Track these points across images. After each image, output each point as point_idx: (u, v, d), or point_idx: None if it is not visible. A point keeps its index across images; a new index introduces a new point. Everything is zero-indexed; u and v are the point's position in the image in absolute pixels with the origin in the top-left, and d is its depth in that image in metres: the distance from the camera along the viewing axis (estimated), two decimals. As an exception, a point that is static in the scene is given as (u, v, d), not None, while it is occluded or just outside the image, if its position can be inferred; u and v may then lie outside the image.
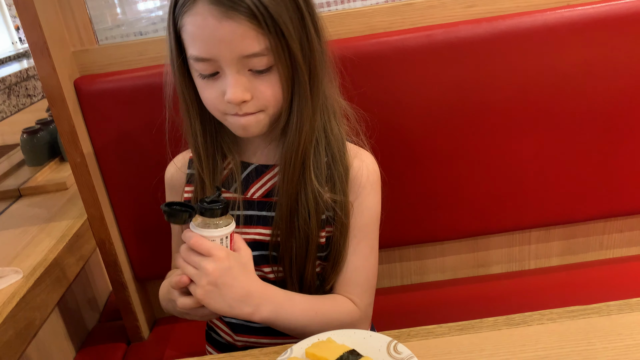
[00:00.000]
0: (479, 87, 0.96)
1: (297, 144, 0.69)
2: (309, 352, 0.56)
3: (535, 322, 0.61)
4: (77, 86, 0.96)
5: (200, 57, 0.63)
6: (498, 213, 1.06)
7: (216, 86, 0.65)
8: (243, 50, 0.61)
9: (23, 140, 1.29)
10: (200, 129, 0.72)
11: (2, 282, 0.82)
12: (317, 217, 0.71)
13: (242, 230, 0.74)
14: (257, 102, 0.65)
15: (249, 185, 0.75)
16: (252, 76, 0.64)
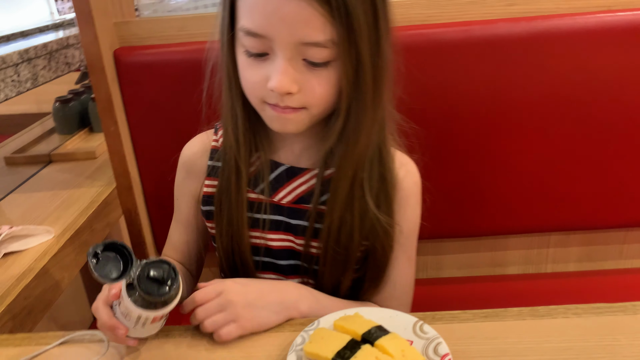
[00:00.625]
0: (512, 86, 0.96)
1: (352, 155, 0.63)
2: (338, 324, 0.57)
3: (560, 316, 0.61)
4: (116, 56, 0.98)
5: (253, 32, 0.56)
6: (519, 213, 1.06)
7: (261, 68, 0.58)
8: (304, 36, 0.55)
9: (55, 109, 1.31)
10: (242, 113, 0.65)
11: (35, 240, 0.84)
12: (362, 234, 0.67)
13: (266, 235, 0.70)
14: (302, 97, 0.59)
15: (278, 188, 0.69)
16: (305, 67, 0.57)
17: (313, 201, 0.68)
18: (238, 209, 0.69)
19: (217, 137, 0.73)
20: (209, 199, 0.72)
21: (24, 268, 0.78)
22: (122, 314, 0.55)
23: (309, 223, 0.68)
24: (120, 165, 1.00)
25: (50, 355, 0.61)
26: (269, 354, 0.59)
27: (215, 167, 0.72)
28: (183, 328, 0.64)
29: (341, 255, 0.67)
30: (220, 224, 0.71)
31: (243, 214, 0.69)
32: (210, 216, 0.73)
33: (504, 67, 0.94)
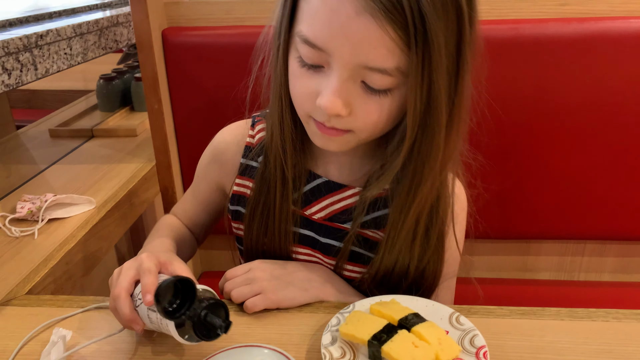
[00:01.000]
0: (559, 87, 0.94)
1: (410, 205, 0.58)
2: (375, 308, 0.57)
3: (600, 319, 0.60)
4: (164, 36, 1.00)
5: (311, 42, 0.50)
6: (555, 218, 1.04)
7: (313, 81, 0.53)
8: (368, 60, 0.49)
9: (99, 86, 1.34)
10: (290, 122, 0.60)
11: (77, 209, 0.86)
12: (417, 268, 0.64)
13: (294, 249, 0.68)
14: (352, 121, 0.53)
15: (311, 201, 0.66)
16: (361, 90, 0.52)
17: (353, 223, 0.64)
18: (280, 223, 0.66)
19: (254, 132, 0.70)
20: (239, 198, 0.70)
21: (66, 235, 0.80)
22: (148, 317, 0.53)
23: (344, 245, 0.66)
24: (161, 143, 1.02)
25: (85, 317, 0.62)
26: (303, 333, 0.59)
27: (249, 166, 0.68)
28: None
29: (387, 284, 0.65)
30: (251, 230, 0.69)
31: (288, 229, 0.66)
32: (238, 217, 0.71)
33: (552, 68, 0.93)
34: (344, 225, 0.66)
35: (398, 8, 0.46)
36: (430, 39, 0.47)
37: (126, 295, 0.54)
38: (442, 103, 0.51)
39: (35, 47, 0.87)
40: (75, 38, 0.98)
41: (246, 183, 0.69)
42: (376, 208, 0.64)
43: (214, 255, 1.20)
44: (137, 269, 0.55)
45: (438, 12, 0.46)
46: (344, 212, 0.66)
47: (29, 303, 0.65)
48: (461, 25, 0.49)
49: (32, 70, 0.87)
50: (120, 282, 0.54)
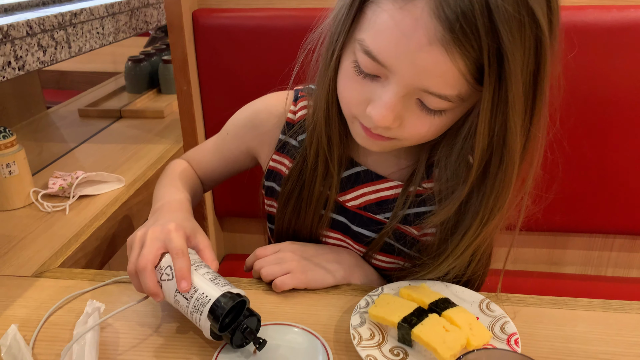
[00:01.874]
0: (596, 77, 0.92)
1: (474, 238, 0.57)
2: (404, 291, 0.57)
3: (634, 311, 0.59)
4: (194, 17, 1.00)
5: (373, 56, 0.48)
6: (584, 212, 1.02)
7: (367, 88, 0.51)
8: (431, 86, 0.47)
9: (127, 67, 1.35)
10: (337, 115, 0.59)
11: (107, 187, 0.87)
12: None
13: (325, 232, 0.68)
14: (400, 132, 0.52)
15: (347, 188, 0.66)
16: (415, 106, 0.50)
17: (392, 217, 0.64)
18: (316, 207, 0.66)
19: (296, 109, 0.68)
20: (274, 175, 0.70)
21: (97, 211, 0.81)
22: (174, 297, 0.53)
23: (378, 237, 0.65)
24: (189, 124, 1.03)
25: (108, 290, 0.63)
26: (331, 314, 0.59)
27: (287, 143, 0.68)
28: (247, 281, 0.66)
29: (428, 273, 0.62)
30: (284, 210, 0.68)
31: (322, 213, 0.66)
32: (272, 194, 0.71)
33: (589, 57, 0.90)
34: (377, 217, 0.66)
35: (474, 41, 0.44)
36: (507, 76, 0.45)
37: (152, 269, 0.53)
38: (516, 138, 0.49)
39: (70, 25, 0.88)
40: (108, 18, 0.99)
41: (283, 160, 0.69)
42: (415, 204, 0.64)
43: (236, 238, 1.21)
44: (165, 242, 0.54)
45: (516, 46, 0.44)
46: (379, 203, 0.65)
47: (61, 275, 0.66)
48: (540, 57, 0.46)
49: (66, 49, 0.88)
50: (146, 254, 0.53)
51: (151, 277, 0.53)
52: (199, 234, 0.59)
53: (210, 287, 0.52)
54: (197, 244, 0.57)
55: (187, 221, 0.60)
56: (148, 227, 0.57)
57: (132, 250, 0.56)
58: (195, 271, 0.53)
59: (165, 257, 0.54)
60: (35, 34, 0.79)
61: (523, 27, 0.44)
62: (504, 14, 0.43)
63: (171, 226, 0.55)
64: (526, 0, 0.43)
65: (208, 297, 0.51)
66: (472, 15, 0.43)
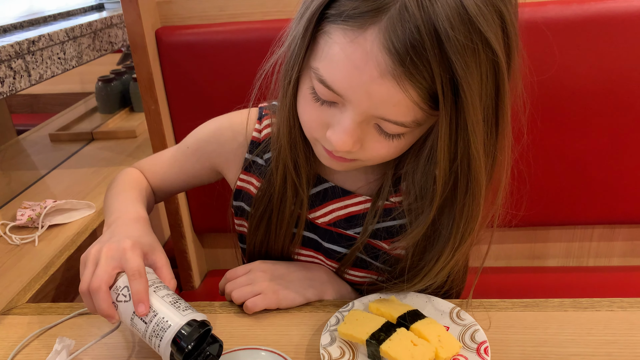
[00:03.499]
0: (561, 71, 0.92)
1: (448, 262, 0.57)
2: (373, 306, 0.57)
3: (605, 308, 0.59)
4: (158, 36, 0.99)
5: (329, 86, 0.48)
6: (562, 204, 1.03)
7: (325, 113, 0.51)
8: (386, 114, 0.47)
9: (98, 88, 1.34)
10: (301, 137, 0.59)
11: (77, 214, 0.86)
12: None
13: (296, 249, 0.68)
14: (361, 154, 0.53)
15: (316, 205, 0.65)
16: (374, 130, 0.51)
17: (362, 233, 0.63)
18: (288, 226, 0.65)
19: (261, 127, 0.68)
20: (243, 195, 0.69)
21: (66, 241, 0.80)
22: (131, 320, 0.51)
23: (350, 252, 0.65)
24: (160, 144, 1.02)
25: (71, 324, 0.62)
26: (303, 334, 0.59)
27: (254, 162, 0.67)
28: (219, 304, 0.65)
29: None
30: (256, 231, 0.68)
31: (293, 231, 0.66)
32: (242, 214, 0.70)
33: (552, 51, 0.90)
34: (347, 232, 0.65)
35: (426, 73, 0.43)
36: (464, 102, 0.44)
37: (106, 289, 0.51)
38: (480, 162, 0.48)
39: (28, 53, 0.86)
40: (69, 42, 0.98)
41: (251, 180, 0.68)
42: (384, 218, 0.63)
43: (218, 253, 1.20)
44: (120, 262, 0.52)
45: (472, 74, 0.44)
46: (348, 219, 0.65)
47: (29, 312, 0.65)
48: (498, 81, 0.46)
49: (26, 77, 0.86)
50: (100, 274, 0.51)
51: (105, 298, 0.51)
52: (157, 250, 0.56)
53: (172, 312, 0.50)
54: (154, 261, 0.55)
55: (146, 236, 0.58)
56: (103, 244, 0.54)
57: (86, 268, 0.53)
58: (155, 293, 0.51)
59: (121, 276, 0.52)
60: (-9, 66, 0.78)
61: (477, 55, 0.43)
62: (455, 44, 0.42)
63: (127, 244, 0.53)
64: (478, 28, 0.43)
65: (169, 323, 0.50)
66: (422, 47, 0.42)
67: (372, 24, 0.44)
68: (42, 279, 0.72)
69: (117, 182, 0.71)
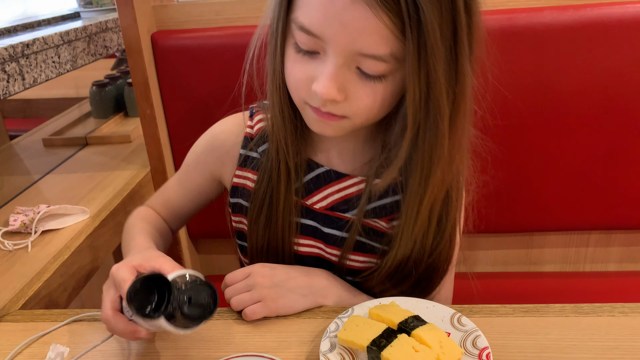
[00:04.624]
0: (557, 77, 0.92)
1: (422, 196, 0.58)
2: (373, 312, 0.56)
3: (606, 314, 0.59)
4: (153, 40, 0.98)
5: (307, 29, 0.51)
6: (558, 210, 1.03)
7: (309, 67, 0.53)
8: (364, 47, 0.49)
9: (92, 93, 1.33)
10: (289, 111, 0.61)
11: (71, 219, 0.85)
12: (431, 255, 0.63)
13: (296, 240, 0.67)
14: (347, 106, 0.54)
15: (312, 191, 0.66)
16: (356, 76, 0.52)
17: (358, 212, 0.63)
18: (284, 214, 0.65)
19: (253, 123, 0.69)
20: (240, 190, 0.69)
21: (60, 246, 0.79)
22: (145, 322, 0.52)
23: (349, 234, 0.65)
24: (154, 148, 1.01)
25: (65, 331, 0.61)
26: (302, 340, 0.58)
27: (249, 157, 0.68)
28: (219, 310, 0.64)
29: (400, 275, 0.63)
30: (256, 224, 0.68)
31: (291, 219, 0.66)
32: (239, 210, 0.71)
33: (548, 57, 0.91)
34: (346, 215, 0.65)
35: None
36: (425, 26, 0.47)
37: (114, 315, 0.53)
38: (442, 91, 0.51)
39: (22, 56, 0.85)
40: (63, 46, 0.97)
41: (247, 175, 0.68)
42: (379, 197, 0.64)
43: (212, 259, 1.19)
44: (116, 287, 0.54)
45: (432, 1, 0.47)
46: (346, 201, 0.65)
47: (22, 319, 0.64)
48: (456, 13, 0.49)
49: (20, 81, 0.85)
50: (104, 306, 0.54)
51: (116, 321, 0.53)
52: (160, 257, 0.56)
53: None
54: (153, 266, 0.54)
55: (146, 250, 0.59)
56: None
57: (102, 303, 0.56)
58: None
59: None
60: (-16, 69, 0.77)
61: None
62: None
63: (114, 268, 0.54)
64: None
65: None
66: None
67: None
68: (36, 285, 0.70)
69: (127, 223, 0.74)
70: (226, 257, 1.17)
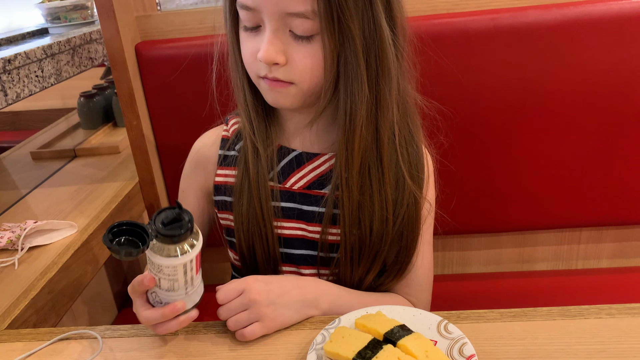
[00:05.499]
0: (542, 76, 0.92)
1: (350, 134, 0.61)
2: (359, 322, 0.56)
3: (593, 316, 0.59)
4: (137, 51, 0.98)
5: (244, 4, 0.58)
6: (549, 208, 1.03)
7: (255, 41, 0.60)
8: (285, 7, 0.55)
9: (80, 104, 1.32)
10: (249, 92, 0.66)
11: (58, 234, 0.85)
12: (383, 216, 0.65)
13: (280, 224, 0.69)
14: (290, 70, 0.59)
15: (288, 174, 0.69)
16: (292, 39, 0.58)
17: (331, 186, 0.66)
18: (260, 198, 0.67)
19: (228, 127, 0.73)
20: (223, 188, 0.71)
21: (47, 262, 0.78)
22: (165, 289, 0.55)
23: (326, 209, 0.67)
24: (142, 159, 1.00)
25: (52, 350, 0.61)
26: (289, 353, 0.57)
27: (227, 156, 0.71)
28: (203, 325, 0.64)
29: (372, 242, 0.66)
30: (240, 214, 0.69)
31: (269, 204, 0.68)
32: (224, 207, 0.72)
33: (533, 56, 0.91)
34: (323, 191, 0.68)
35: None
36: None
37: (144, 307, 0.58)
38: (356, 42, 0.57)
39: (4, 72, 0.85)
40: (47, 59, 0.96)
41: (227, 172, 0.71)
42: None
43: (205, 268, 1.18)
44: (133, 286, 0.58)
45: None
46: (321, 178, 0.68)
47: (7, 339, 0.64)
48: None
49: (2, 96, 0.85)
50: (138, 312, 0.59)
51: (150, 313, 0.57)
52: None
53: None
54: None
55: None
56: None
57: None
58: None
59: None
60: (-35, 87, 0.76)
61: None
62: None
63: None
64: None
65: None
66: None
67: None
68: (22, 304, 0.70)
69: None
70: (218, 266, 1.17)
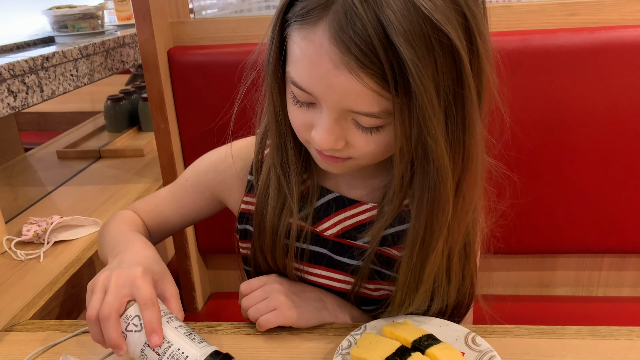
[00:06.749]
0: (570, 99, 0.92)
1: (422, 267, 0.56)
2: (387, 329, 0.55)
3: (624, 337, 0.58)
4: (170, 55, 1.00)
5: (299, 86, 0.50)
6: (571, 232, 1.01)
7: (307, 115, 0.53)
8: (354, 107, 0.48)
9: (106, 106, 1.35)
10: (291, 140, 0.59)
11: (83, 230, 0.85)
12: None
13: (305, 268, 0.66)
14: (349, 151, 0.53)
15: (322, 217, 0.64)
16: (353, 125, 0.51)
17: (372, 241, 0.61)
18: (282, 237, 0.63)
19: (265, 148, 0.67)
20: (250, 217, 0.67)
21: (72, 257, 0.79)
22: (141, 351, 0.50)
23: (363, 263, 0.63)
24: (168, 162, 1.02)
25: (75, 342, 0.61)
26: (313, 357, 0.57)
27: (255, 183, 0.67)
28: (227, 325, 0.63)
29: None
30: (257, 249, 0.66)
31: (293, 244, 0.63)
32: (247, 236, 0.69)
33: (563, 79, 0.91)
34: (357, 243, 0.64)
35: (374, 60, 0.44)
36: (415, 86, 0.44)
37: (116, 318, 0.50)
38: (443, 153, 0.48)
39: (41, 69, 0.87)
40: (82, 59, 0.98)
41: (254, 200, 0.67)
42: (392, 224, 0.62)
43: (222, 275, 1.18)
44: (131, 290, 0.51)
45: (422, 59, 0.44)
46: (357, 228, 0.63)
47: (32, 328, 0.64)
48: (460, 64, 0.46)
49: (38, 92, 0.87)
50: (111, 302, 0.50)
51: (115, 327, 0.49)
52: (167, 279, 0.56)
53: (187, 344, 0.49)
54: (164, 290, 0.55)
55: (156, 264, 0.57)
56: (112, 270, 0.53)
57: (94, 295, 0.51)
58: (168, 324, 0.50)
59: (132, 305, 0.51)
60: (4, 80, 0.78)
61: (425, 39, 0.44)
62: (398, 28, 0.43)
63: (138, 271, 0.52)
64: (422, 11, 0.43)
65: (185, 354, 0.48)
66: (366, 34, 0.43)
67: (321, 19, 0.46)
68: (47, 296, 0.70)
69: (112, 221, 0.70)
70: (236, 274, 1.17)
